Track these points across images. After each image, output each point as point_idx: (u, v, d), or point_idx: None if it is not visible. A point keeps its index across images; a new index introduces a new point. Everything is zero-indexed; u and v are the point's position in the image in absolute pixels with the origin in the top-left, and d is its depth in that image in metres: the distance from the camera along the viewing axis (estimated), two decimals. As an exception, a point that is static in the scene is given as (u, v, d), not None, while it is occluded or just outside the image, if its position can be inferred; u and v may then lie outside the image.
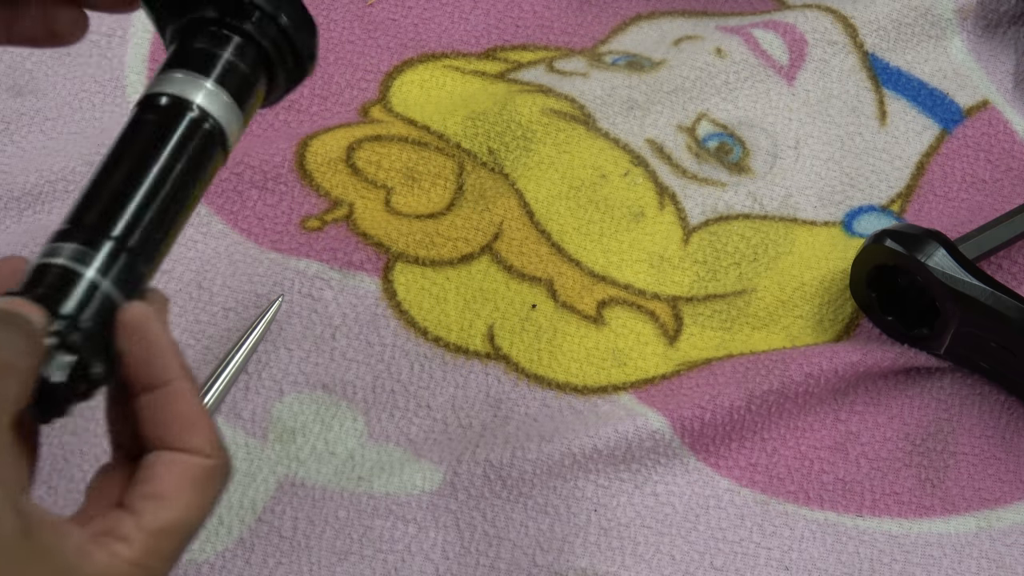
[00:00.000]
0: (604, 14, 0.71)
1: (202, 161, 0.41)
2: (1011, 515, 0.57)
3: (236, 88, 0.42)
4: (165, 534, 0.36)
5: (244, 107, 0.42)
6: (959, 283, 0.56)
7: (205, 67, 0.41)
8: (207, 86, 0.41)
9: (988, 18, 0.70)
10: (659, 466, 0.56)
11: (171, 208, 0.39)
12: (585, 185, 0.63)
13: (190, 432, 0.37)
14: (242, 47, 0.42)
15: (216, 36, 0.42)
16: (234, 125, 0.42)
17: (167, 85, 0.41)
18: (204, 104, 0.41)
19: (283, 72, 0.44)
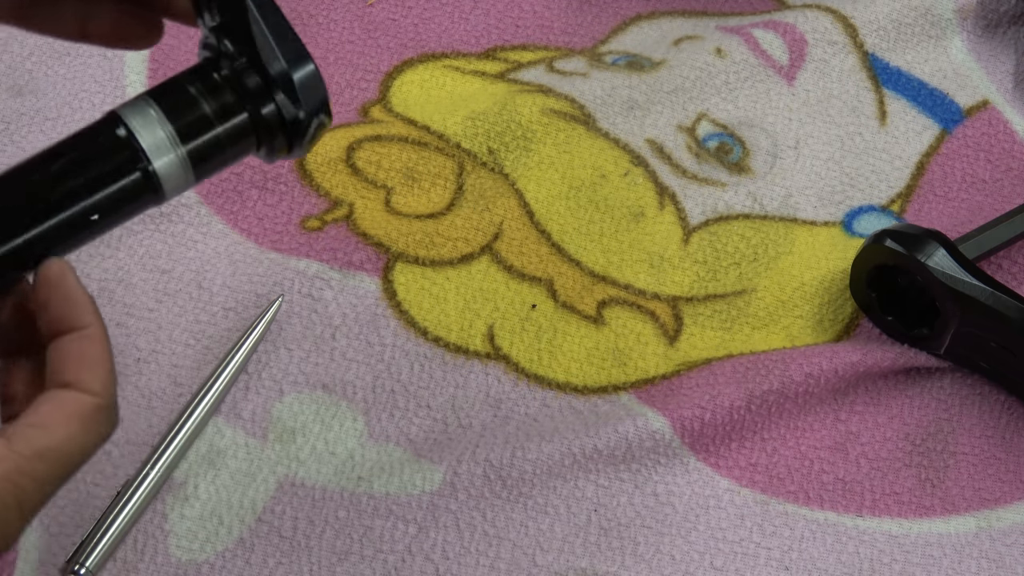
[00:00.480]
0: (604, 14, 0.71)
1: (113, 191, 0.38)
2: (1011, 515, 0.57)
3: (198, 148, 0.39)
4: (39, 457, 0.36)
5: (201, 165, 0.40)
6: (959, 283, 0.56)
7: (176, 112, 0.39)
8: (160, 135, 0.39)
9: (988, 18, 0.70)
10: (659, 466, 0.56)
11: (51, 219, 0.38)
12: (585, 185, 0.63)
13: (87, 371, 0.38)
14: (234, 120, 0.40)
15: (214, 89, 0.39)
16: (177, 176, 0.39)
17: (131, 111, 0.39)
18: (149, 151, 0.38)
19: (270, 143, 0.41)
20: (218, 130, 0.39)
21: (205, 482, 0.55)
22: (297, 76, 0.39)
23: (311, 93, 0.39)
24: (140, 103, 0.39)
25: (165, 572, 0.53)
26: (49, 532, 0.53)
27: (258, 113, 0.40)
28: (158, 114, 0.39)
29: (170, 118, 0.39)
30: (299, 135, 0.40)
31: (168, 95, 0.40)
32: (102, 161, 0.39)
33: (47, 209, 0.38)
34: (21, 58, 0.66)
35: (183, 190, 0.40)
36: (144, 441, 0.55)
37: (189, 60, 0.68)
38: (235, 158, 0.41)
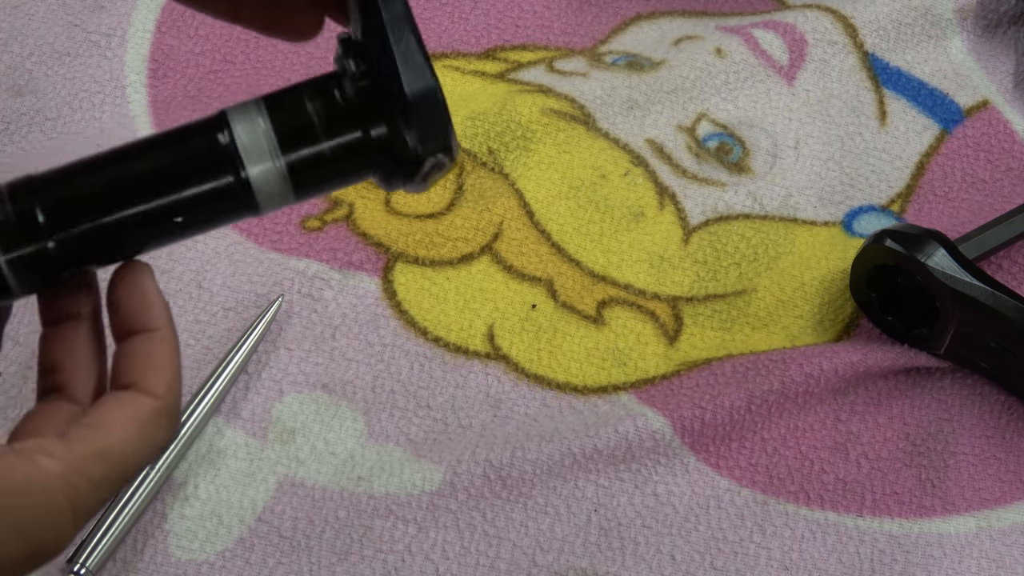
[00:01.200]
0: (604, 14, 0.71)
1: (198, 197, 0.36)
2: (1011, 515, 0.57)
3: (300, 160, 0.36)
4: (95, 458, 0.35)
5: (303, 180, 0.37)
6: (959, 283, 0.56)
7: (283, 120, 0.36)
8: (261, 141, 0.36)
9: (988, 18, 0.70)
10: (659, 466, 0.56)
11: (130, 216, 0.36)
12: (585, 185, 0.63)
13: (152, 373, 0.37)
14: (345, 142, 0.37)
15: (329, 104, 0.36)
16: (273, 187, 0.37)
17: (238, 112, 0.36)
18: (245, 155, 0.36)
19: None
20: (324, 145, 0.36)
21: (205, 482, 0.55)
22: (417, 110, 0.36)
23: (430, 130, 0.36)
24: (250, 105, 0.37)
25: (165, 572, 0.53)
26: (49, 532, 0.53)
27: (368, 135, 0.36)
28: (264, 120, 0.36)
29: (275, 126, 0.36)
30: (411, 172, 0.37)
31: (280, 101, 0.37)
32: (195, 158, 0.36)
33: (131, 197, 0.36)
34: (21, 58, 0.66)
35: (282, 204, 0.37)
36: (144, 441, 0.55)
37: (189, 60, 0.68)
38: (345, 178, 0.38)
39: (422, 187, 0.37)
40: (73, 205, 0.36)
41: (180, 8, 0.68)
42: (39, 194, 0.36)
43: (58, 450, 0.35)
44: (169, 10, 0.68)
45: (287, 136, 0.36)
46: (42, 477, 0.35)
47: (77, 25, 0.67)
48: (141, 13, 0.68)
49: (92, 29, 0.67)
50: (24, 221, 0.35)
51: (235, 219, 0.37)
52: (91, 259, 0.37)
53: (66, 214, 0.36)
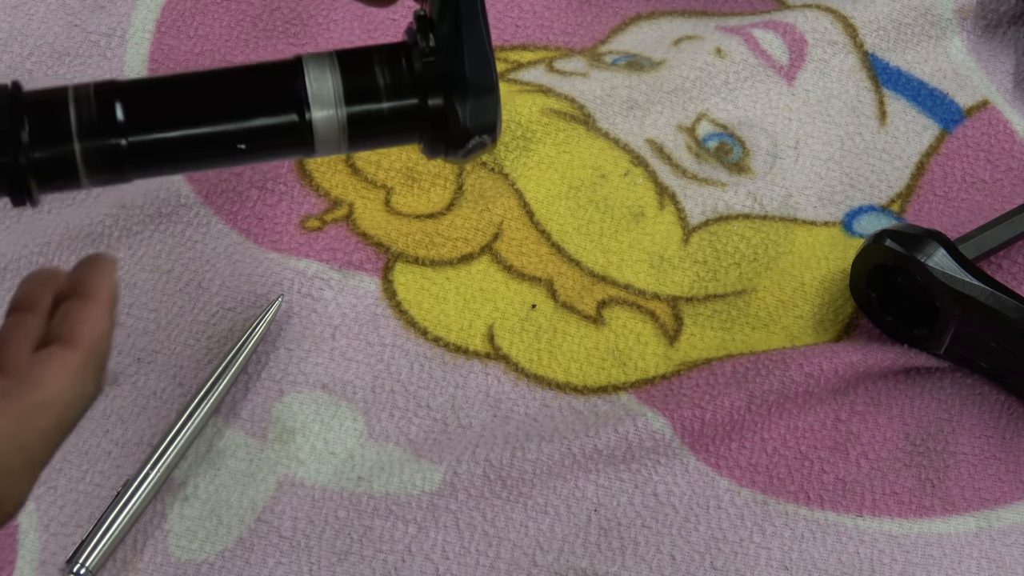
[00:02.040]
0: (604, 14, 0.71)
1: (263, 128, 0.40)
2: (1011, 515, 0.57)
3: (359, 114, 0.40)
4: (38, 410, 0.37)
5: (358, 133, 0.41)
6: (959, 283, 0.56)
7: (351, 74, 0.40)
8: (328, 89, 0.40)
9: (988, 18, 0.70)
10: (659, 466, 0.56)
11: (200, 142, 0.40)
12: (585, 185, 0.63)
13: (81, 328, 0.39)
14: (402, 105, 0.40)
15: (395, 69, 0.40)
16: (331, 133, 0.40)
17: (313, 59, 0.40)
18: (313, 99, 0.40)
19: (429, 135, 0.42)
20: (383, 104, 0.40)
21: (205, 482, 0.55)
22: (475, 93, 0.40)
23: (482, 112, 0.40)
24: (324, 56, 0.40)
25: (165, 572, 0.53)
26: (49, 531, 0.53)
27: (425, 104, 0.40)
28: (334, 70, 0.40)
29: (344, 78, 0.40)
30: (457, 145, 0.41)
31: (351, 58, 0.41)
32: (268, 93, 0.40)
33: (204, 115, 0.40)
34: (21, 58, 0.66)
35: (334, 151, 0.41)
36: (144, 441, 0.55)
37: (189, 60, 0.68)
38: (395, 138, 0.42)
39: (463, 160, 0.42)
40: (152, 112, 0.39)
41: (180, 8, 0.68)
42: (123, 96, 0.39)
43: (2, 406, 0.37)
44: (169, 10, 0.68)
45: (352, 90, 0.40)
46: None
47: (77, 25, 0.67)
48: (141, 13, 0.68)
49: (92, 29, 0.67)
50: (104, 117, 0.39)
51: (291, 156, 0.41)
52: (155, 164, 0.40)
53: (144, 118, 0.39)
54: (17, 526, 0.54)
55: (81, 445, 0.55)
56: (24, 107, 0.38)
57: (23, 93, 0.39)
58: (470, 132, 0.40)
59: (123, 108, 0.39)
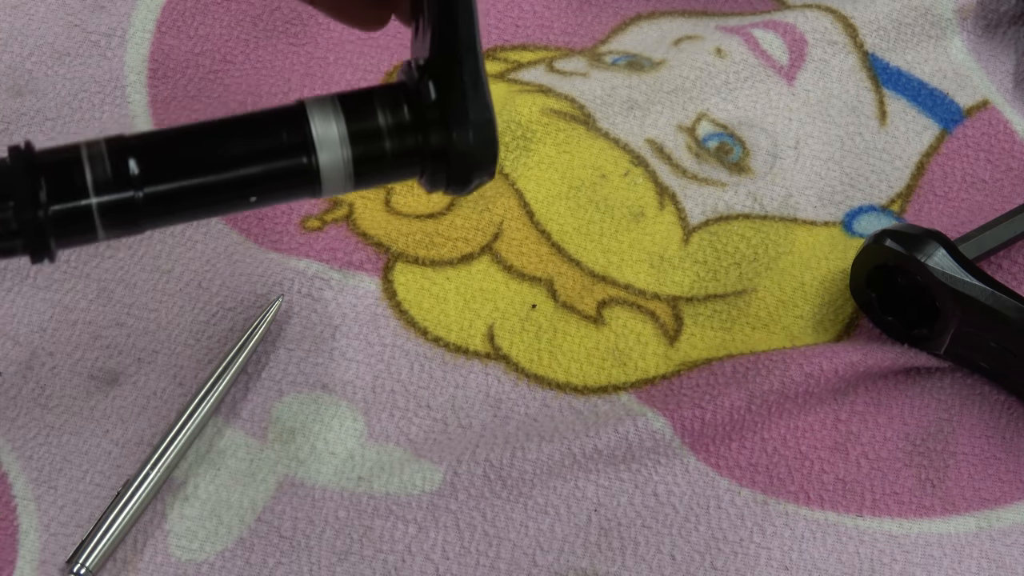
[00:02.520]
0: (604, 14, 0.71)
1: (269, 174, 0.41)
2: (1011, 515, 0.57)
3: (363, 154, 0.42)
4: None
5: (362, 172, 0.42)
6: (959, 283, 0.56)
7: (354, 117, 0.42)
8: (333, 131, 0.41)
9: (988, 18, 0.70)
10: (659, 466, 0.56)
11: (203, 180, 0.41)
12: (585, 185, 0.63)
13: None
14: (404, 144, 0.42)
15: (395, 109, 0.42)
16: (336, 174, 0.42)
17: (316, 103, 0.42)
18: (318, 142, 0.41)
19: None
20: (386, 144, 0.42)
21: (205, 482, 0.55)
22: (473, 134, 0.41)
23: (482, 157, 0.42)
24: (327, 99, 0.42)
25: (165, 572, 0.53)
26: (49, 531, 0.53)
27: (427, 144, 0.42)
28: (338, 113, 0.41)
29: (347, 120, 0.41)
30: (458, 185, 0.42)
31: (353, 100, 0.42)
32: (275, 139, 0.41)
33: (215, 164, 0.41)
34: (21, 58, 0.66)
35: (340, 191, 0.42)
36: (144, 441, 0.56)
37: (189, 60, 0.68)
38: (397, 176, 0.43)
39: (463, 195, 0.44)
40: (164, 164, 0.41)
41: (180, 8, 0.68)
42: (134, 150, 0.40)
43: None
44: (169, 10, 0.68)
45: (356, 133, 0.41)
46: None
47: (77, 25, 0.67)
48: (141, 13, 0.68)
49: (92, 29, 0.67)
50: (118, 171, 0.40)
51: (298, 197, 0.43)
52: (169, 214, 0.41)
53: (157, 171, 0.41)
54: (17, 526, 0.54)
55: (81, 445, 0.55)
56: (39, 166, 0.40)
57: (37, 153, 0.40)
58: (470, 174, 0.42)
59: (136, 162, 0.40)
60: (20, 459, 0.55)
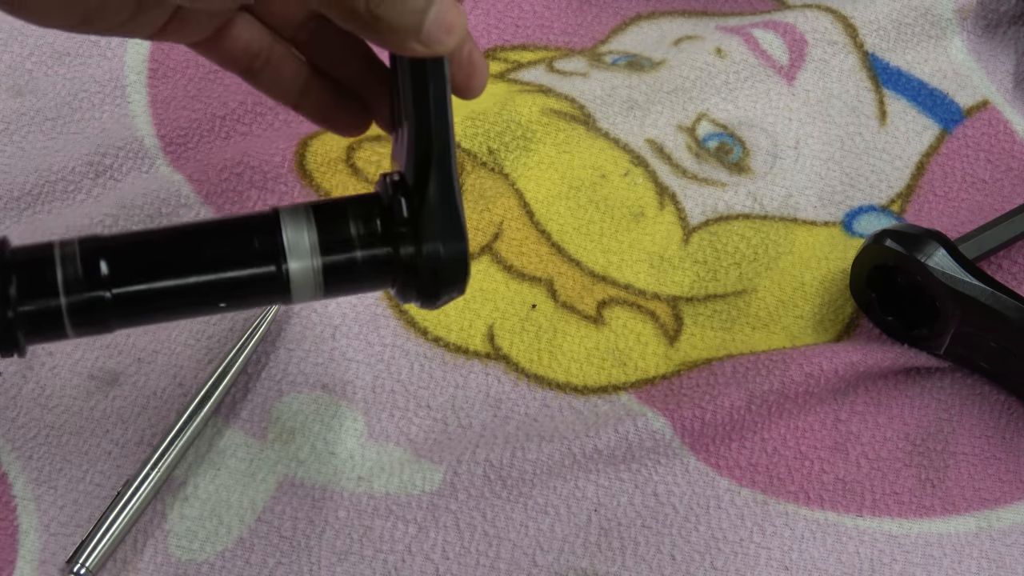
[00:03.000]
0: (604, 14, 0.71)
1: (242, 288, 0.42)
2: (1011, 515, 0.57)
3: (333, 263, 0.42)
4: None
5: (333, 280, 0.43)
6: (959, 283, 0.56)
7: (325, 226, 0.42)
8: (304, 240, 0.42)
9: (988, 18, 0.70)
10: (659, 466, 0.56)
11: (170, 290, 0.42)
12: (585, 185, 0.63)
13: None
14: (375, 256, 0.43)
15: (367, 220, 0.42)
16: (306, 281, 0.42)
17: (289, 212, 0.42)
18: (289, 250, 0.42)
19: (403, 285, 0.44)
20: (356, 254, 0.42)
21: (205, 482, 0.55)
22: (444, 253, 0.42)
23: (453, 281, 0.42)
24: (300, 208, 0.43)
25: (165, 572, 0.53)
26: (49, 531, 0.53)
27: (397, 257, 0.42)
28: (310, 222, 0.42)
29: (319, 230, 0.42)
30: (429, 300, 0.43)
31: (325, 210, 0.43)
32: (247, 246, 0.42)
33: (184, 268, 0.42)
34: (21, 58, 0.66)
35: (310, 298, 0.43)
36: (144, 441, 0.56)
37: (189, 60, 0.68)
38: (368, 285, 0.44)
39: (435, 307, 0.44)
40: (135, 266, 0.41)
41: (180, 8, 0.68)
42: (106, 251, 0.41)
43: None
44: (169, 10, 0.68)
45: (326, 242, 0.42)
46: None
47: (77, 25, 0.67)
48: (141, 13, 0.68)
49: (92, 29, 0.67)
50: (89, 272, 0.41)
51: (267, 303, 0.44)
52: (138, 315, 0.42)
53: (127, 272, 0.41)
54: (17, 526, 0.54)
55: (81, 445, 0.55)
56: (11, 264, 0.40)
57: (9, 250, 0.41)
58: (440, 290, 0.43)
59: (107, 263, 0.41)
60: (20, 459, 0.55)
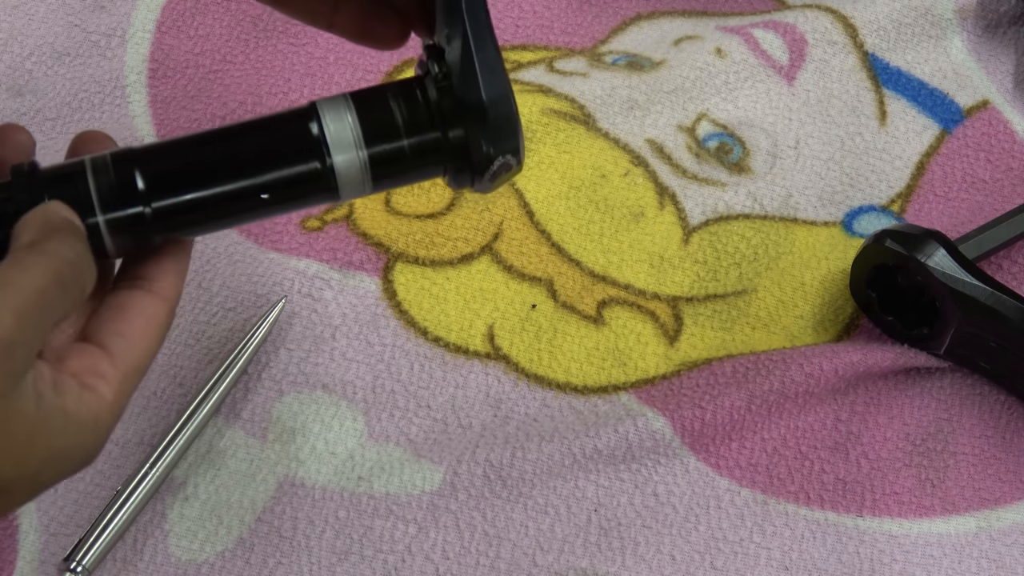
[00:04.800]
0: (604, 14, 0.71)
1: (286, 179, 0.40)
2: (1011, 515, 0.57)
3: (380, 154, 0.40)
4: (136, 373, 0.37)
5: (381, 173, 0.40)
6: (959, 283, 0.56)
7: (368, 116, 0.40)
8: (347, 133, 0.40)
9: (988, 18, 0.70)
10: (659, 466, 0.56)
11: (224, 192, 0.39)
12: (585, 185, 0.63)
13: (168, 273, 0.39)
14: (423, 140, 0.40)
15: (412, 104, 0.40)
16: (354, 176, 0.40)
17: (328, 104, 0.40)
18: (332, 145, 0.39)
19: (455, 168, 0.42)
20: (404, 142, 0.40)
21: (205, 482, 0.55)
22: (492, 115, 0.40)
23: (502, 132, 0.40)
24: (339, 100, 0.40)
25: (165, 572, 0.53)
26: (49, 531, 0.53)
27: (446, 136, 0.40)
28: (351, 113, 0.40)
29: (361, 120, 0.40)
30: (481, 170, 0.41)
31: (367, 99, 0.40)
32: (287, 143, 0.40)
33: (225, 174, 0.39)
34: (21, 58, 0.66)
35: (359, 194, 0.41)
36: (144, 441, 0.56)
37: (189, 60, 0.68)
38: (419, 175, 0.41)
39: (489, 187, 0.41)
40: (172, 176, 0.39)
41: (180, 8, 0.68)
42: (140, 164, 0.39)
43: (109, 371, 0.37)
44: (169, 10, 0.68)
45: (371, 131, 0.40)
46: (103, 408, 0.36)
47: (77, 25, 0.67)
48: (141, 13, 0.68)
49: (92, 29, 0.67)
50: (125, 187, 0.38)
51: (316, 203, 0.41)
52: (180, 228, 0.40)
53: (165, 184, 0.39)
54: (17, 526, 0.54)
55: (81, 445, 0.55)
56: (42, 183, 0.38)
57: (40, 170, 0.38)
58: (493, 154, 0.40)
59: (143, 176, 0.38)
60: (20, 459, 0.55)
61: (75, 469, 0.37)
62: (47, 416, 0.35)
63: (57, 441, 0.35)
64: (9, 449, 0.34)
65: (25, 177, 0.38)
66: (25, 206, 0.37)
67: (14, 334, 0.33)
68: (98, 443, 0.37)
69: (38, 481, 0.36)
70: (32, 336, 0.34)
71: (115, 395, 0.37)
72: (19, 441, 0.34)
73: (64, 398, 0.35)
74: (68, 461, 0.36)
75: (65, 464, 0.36)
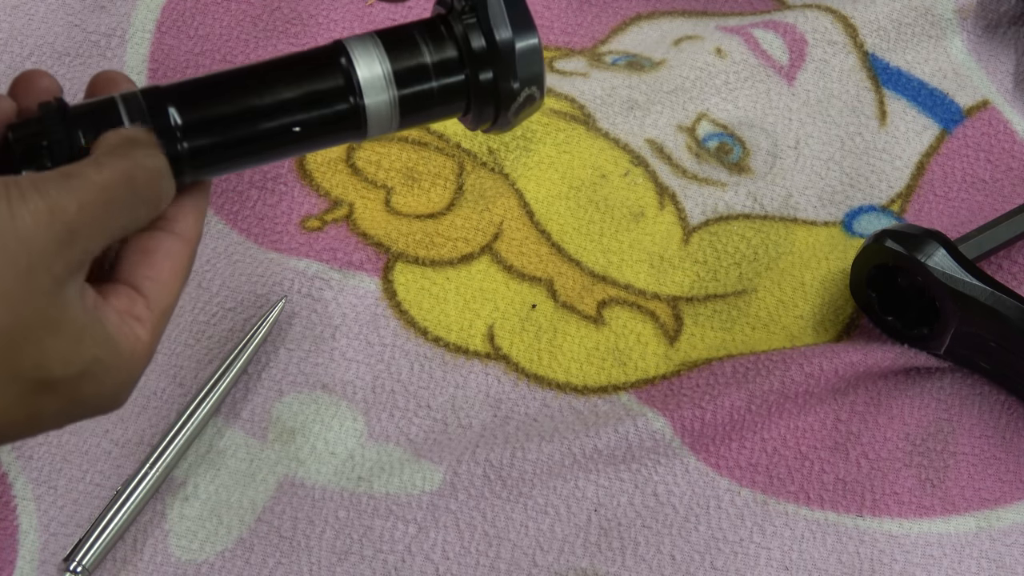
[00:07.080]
0: (604, 14, 0.71)
1: (318, 113, 0.40)
2: (1011, 515, 0.57)
3: (410, 95, 0.41)
4: (164, 317, 0.38)
5: (408, 112, 0.41)
6: (959, 283, 0.56)
7: (398, 56, 0.40)
8: (378, 73, 0.40)
9: (988, 18, 0.70)
10: (659, 466, 0.56)
11: (255, 128, 0.40)
12: (585, 185, 0.63)
13: (189, 214, 0.39)
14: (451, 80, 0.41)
15: (440, 44, 0.41)
16: (383, 116, 0.41)
17: (357, 43, 0.40)
18: (364, 86, 0.40)
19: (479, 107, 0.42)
20: (433, 83, 0.41)
21: (205, 482, 0.55)
22: (519, 45, 0.41)
23: (528, 64, 0.41)
24: (367, 39, 0.41)
25: (165, 572, 0.53)
26: (49, 531, 0.53)
27: (476, 76, 0.41)
28: (380, 53, 0.40)
29: (391, 60, 0.40)
30: (507, 103, 0.41)
31: (395, 38, 0.41)
32: (318, 83, 0.40)
33: (259, 112, 0.39)
34: (21, 58, 0.66)
35: (386, 132, 0.41)
36: (144, 441, 0.56)
37: (189, 60, 0.68)
38: (443, 114, 0.42)
39: (512, 122, 0.42)
40: (206, 114, 0.39)
41: (180, 8, 0.68)
42: (173, 101, 0.39)
43: (144, 313, 0.37)
44: (169, 10, 0.68)
45: (402, 71, 0.40)
46: (141, 344, 0.37)
47: (77, 25, 0.67)
48: (141, 13, 0.68)
49: (92, 29, 0.67)
50: (160, 123, 0.38)
51: (343, 141, 0.41)
52: (211, 165, 0.40)
53: (200, 121, 0.39)
54: (17, 526, 0.54)
55: (81, 445, 0.55)
56: (75, 118, 0.38)
57: (71, 106, 0.38)
58: (518, 88, 0.41)
59: (178, 112, 0.38)
60: (20, 459, 0.55)
61: (106, 402, 0.37)
62: (93, 324, 0.35)
63: (101, 352, 0.35)
64: (58, 342, 0.34)
65: (56, 112, 0.38)
66: (60, 141, 0.37)
67: (77, 223, 0.34)
68: (132, 380, 0.37)
69: (78, 391, 0.35)
70: (95, 230, 0.34)
71: (150, 336, 0.37)
72: (67, 336, 0.34)
73: (108, 323, 0.36)
74: (106, 382, 0.36)
75: (104, 383, 0.36)
